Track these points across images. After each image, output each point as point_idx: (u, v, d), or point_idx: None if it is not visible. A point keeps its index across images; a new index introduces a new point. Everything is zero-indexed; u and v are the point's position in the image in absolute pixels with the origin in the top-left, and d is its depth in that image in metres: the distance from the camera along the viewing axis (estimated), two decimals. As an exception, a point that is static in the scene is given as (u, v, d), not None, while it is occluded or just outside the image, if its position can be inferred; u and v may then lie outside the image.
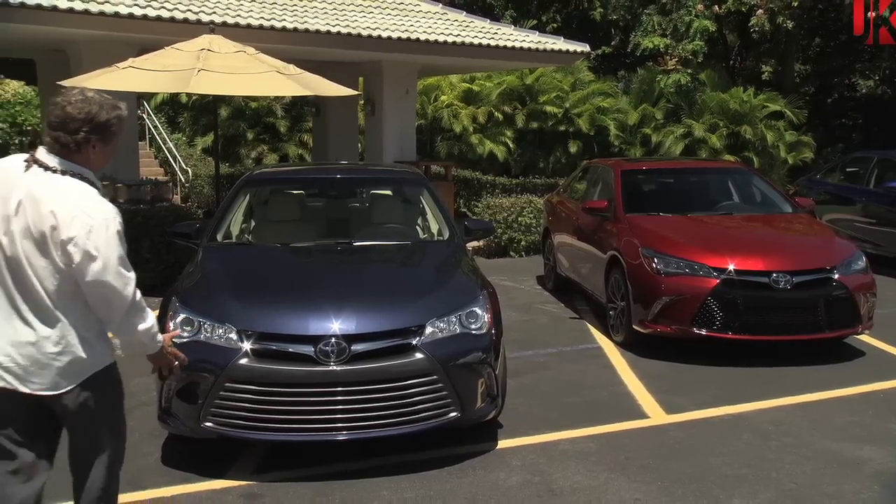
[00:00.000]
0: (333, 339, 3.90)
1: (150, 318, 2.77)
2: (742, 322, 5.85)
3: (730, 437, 4.53)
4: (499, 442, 4.44)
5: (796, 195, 9.89)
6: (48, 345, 2.58)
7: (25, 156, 2.65)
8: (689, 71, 18.18)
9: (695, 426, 4.73)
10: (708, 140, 16.00)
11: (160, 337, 2.85)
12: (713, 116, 16.49)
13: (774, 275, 5.86)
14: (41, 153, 2.63)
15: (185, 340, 3.99)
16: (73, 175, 2.61)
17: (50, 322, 2.58)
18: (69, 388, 2.62)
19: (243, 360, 3.89)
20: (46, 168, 2.59)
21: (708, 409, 5.00)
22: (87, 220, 2.54)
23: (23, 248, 2.55)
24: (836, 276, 5.99)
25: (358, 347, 3.92)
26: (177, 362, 2.96)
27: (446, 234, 5.48)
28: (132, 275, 2.66)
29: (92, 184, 2.66)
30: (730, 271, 5.90)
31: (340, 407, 3.91)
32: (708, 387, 5.44)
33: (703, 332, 5.90)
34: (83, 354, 2.63)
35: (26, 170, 2.60)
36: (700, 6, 18.09)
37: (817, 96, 20.88)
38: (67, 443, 2.80)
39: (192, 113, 18.38)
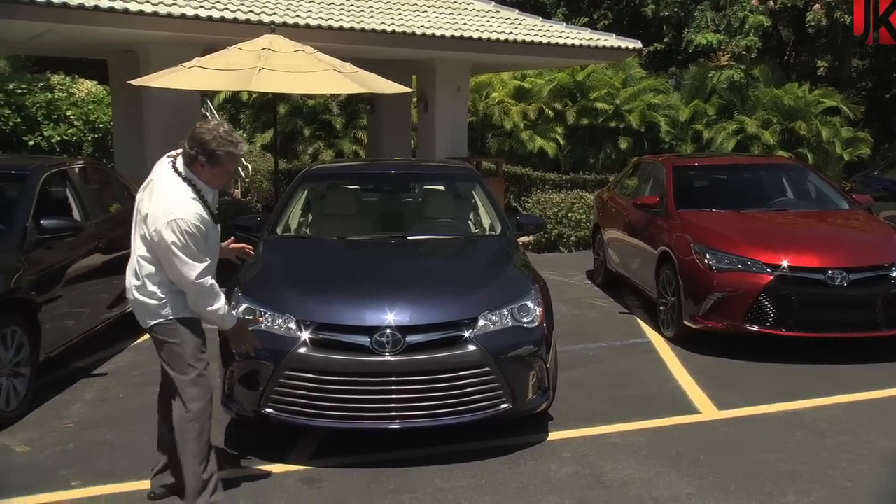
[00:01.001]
0: (388, 331, 3.93)
1: (219, 302, 3.38)
2: (796, 319, 5.69)
3: (783, 434, 4.42)
4: (549, 434, 4.42)
5: (853, 192, 9.54)
6: (135, 292, 3.41)
7: (174, 152, 3.43)
8: (742, 67, 17.71)
9: (747, 422, 4.63)
10: (761, 136, 15.57)
11: (232, 319, 3.49)
12: (766, 112, 16.03)
13: (830, 272, 5.69)
14: (178, 160, 3.41)
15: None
16: (184, 179, 3.33)
17: (137, 275, 3.39)
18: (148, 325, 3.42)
19: (302, 350, 3.95)
20: (174, 166, 3.37)
21: (760, 405, 4.89)
22: (169, 214, 3.22)
23: (136, 218, 3.40)
24: (895, 273, 5.77)
25: (412, 339, 3.94)
26: (248, 346, 3.58)
27: (498, 229, 5.46)
28: (198, 264, 3.28)
29: (196, 188, 3.32)
30: (783, 268, 5.74)
31: (394, 396, 3.93)
32: (760, 383, 5.31)
33: (756, 329, 5.76)
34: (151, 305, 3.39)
35: (168, 163, 3.40)
36: (755, 1, 17.59)
37: (875, 91, 20.14)
38: None
39: (252, 111, 18.69)
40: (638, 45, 12.94)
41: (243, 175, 16.10)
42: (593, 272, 9.09)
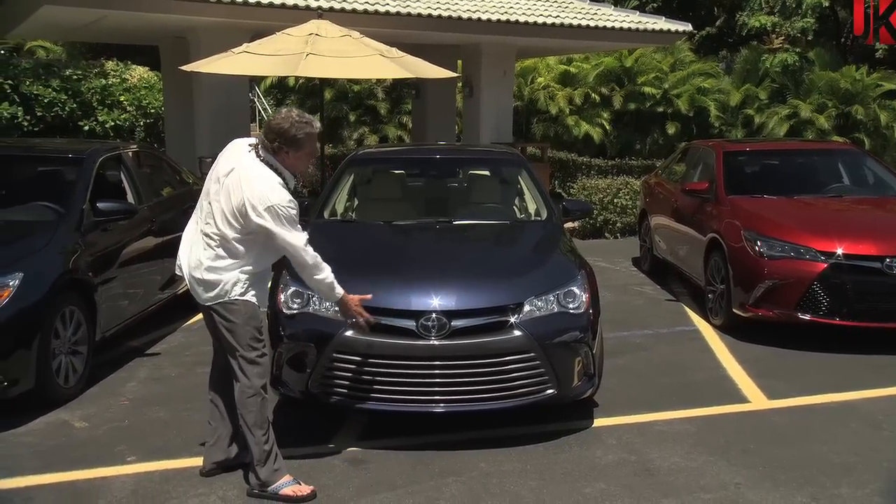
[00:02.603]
0: (434, 315, 3.94)
1: (325, 272, 3.55)
2: (851, 308, 5.54)
3: (836, 425, 4.32)
4: (595, 420, 4.39)
5: (912, 178, 9.20)
6: (203, 271, 3.51)
7: (253, 142, 3.54)
8: (797, 50, 17.17)
9: (798, 413, 4.53)
10: (815, 121, 15.11)
11: (338, 291, 3.61)
12: (821, 96, 15.55)
13: (888, 259, 5.52)
14: (260, 149, 3.51)
15: (294, 312, 4.13)
16: (270, 167, 3.45)
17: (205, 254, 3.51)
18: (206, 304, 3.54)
19: (348, 333, 3.97)
20: (258, 155, 3.48)
21: (812, 395, 4.78)
22: (266, 200, 3.36)
23: (208, 198, 3.54)
24: (957, 263, 5.56)
25: (458, 323, 3.94)
26: (361, 319, 3.67)
27: (544, 214, 5.42)
28: (302, 234, 3.48)
29: (280, 174, 3.46)
30: (838, 255, 5.58)
31: (439, 380, 3.95)
32: (812, 373, 5.19)
33: (808, 318, 5.62)
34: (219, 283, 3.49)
35: (249, 152, 3.51)
36: (812, -19, 17.04)
37: (937, 73, 19.30)
38: None
39: (298, 96, 18.82)
40: (688, 27, 12.67)
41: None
42: (639, 259, 8.97)
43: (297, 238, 3.45)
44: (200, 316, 6.86)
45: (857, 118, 15.11)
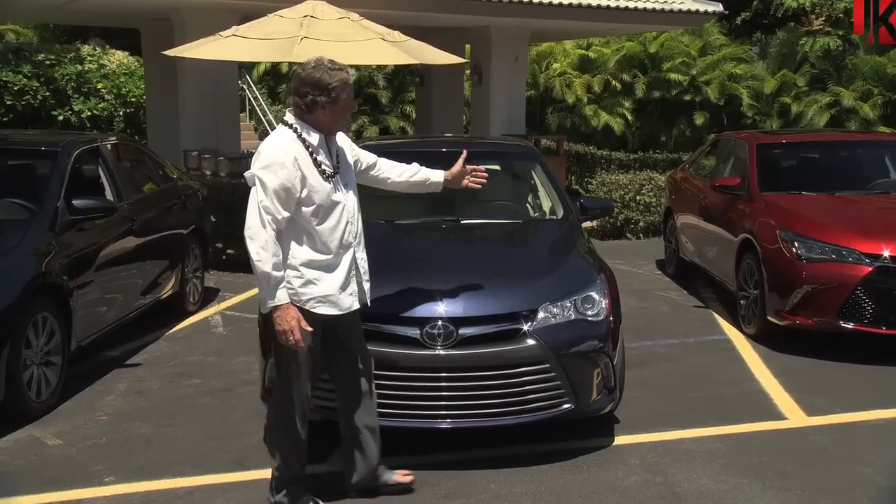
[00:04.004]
0: (440, 322, 3.94)
1: (264, 260, 3.27)
2: (899, 316, 5.52)
3: (882, 445, 4.30)
4: (616, 438, 4.38)
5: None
6: None
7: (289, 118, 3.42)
8: (839, 32, 17.11)
9: (840, 430, 4.51)
10: (859, 110, 15.07)
11: (280, 296, 3.29)
12: (866, 83, 15.49)
13: (939, 263, 5.48)
14: (287, 113, 3.42)
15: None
16: (287, 125, 3.36)
17: None
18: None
19: (347, 341, 3.97)
20: (284, 123, 3.40)
21: (856, 412, 4.76)
22: (259, 157, 3.29)
23: None
24: None
25: (466, 331, 3.95)
26: (291, 340, 3.33)
27: (560, 213, 5.42)
28: (260, 197, 3.26)
29: (305, 138, 3.33)
30: (885, 258, 5.57)
31: (446, 393, 3.94)
32: (856, 387, 5.17)
33: (851, 326, 5.61)
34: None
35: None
36: (854, -44, 16.98)
37: None
38: None
39: (292, 84, 18.91)
40: (718, 7, 12.64)
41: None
42: (664, 261, 8.96)
43: (260, 202, 3.23)
44: (186, 323, 6.91)
45: (906, 106, 15.05)
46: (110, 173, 6.07)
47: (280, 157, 3.27)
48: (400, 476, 3.80)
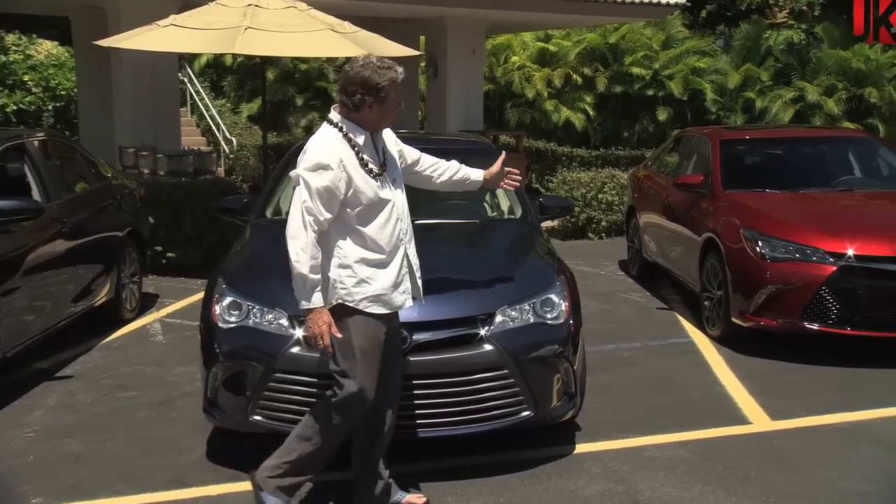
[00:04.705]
0: (394, 327, 3.93)
1: (302, 262, 3.32)
2: (863, 316, 5.67)
3: (848, 449, 4.41)
4: (577, 446, 4.43)
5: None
6: None
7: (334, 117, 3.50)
8: (802, 26, 17.53)
9: (805, 434, 4.62)
10: (824, 105, 15.47)
11: (316, 298, 3.35)
12: (831, 77, 15.91)
13: (904, 261, 5.65)
14: (332, 111, 3.51)
15: (231, 326, 4.10)
16: (332, 124, 3.45)
17: None
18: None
19: (295, 349, 3.96)
20: (329, 122, 3.49)
21: (821, 415, 4.87)
22: (305, 157, 3.40)
23: None
24: (979, 264, 5.73)
25: (419, 337, 3.95)
26: (321, 345, 3.40)
27: (518, 212, 5.45)
28: (304, 197, 3.35)
29: (344, 133, 3.41)
30: (849, 257, 5.72)
31: (399, 402, 3.94)
32: (821, 390, 5.30)
33: (816, 327, 5.74)
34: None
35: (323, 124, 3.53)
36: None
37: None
38: None
39: (236, 77, 18.73)
40: (681, -1, 12.87)
41: (227, 150, 16.16)
42: (627, 262, 9.08)
43: (303, 203, 3.32)
44: (122, 332, 6.80)
45: (870, 101, 15.48)
46: (38, 172, 5.94)
47: (326, 158, 3.35)
48: (413, 498, 3.78)
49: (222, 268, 4.61)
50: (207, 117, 16.93)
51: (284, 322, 4.05)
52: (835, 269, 5.69)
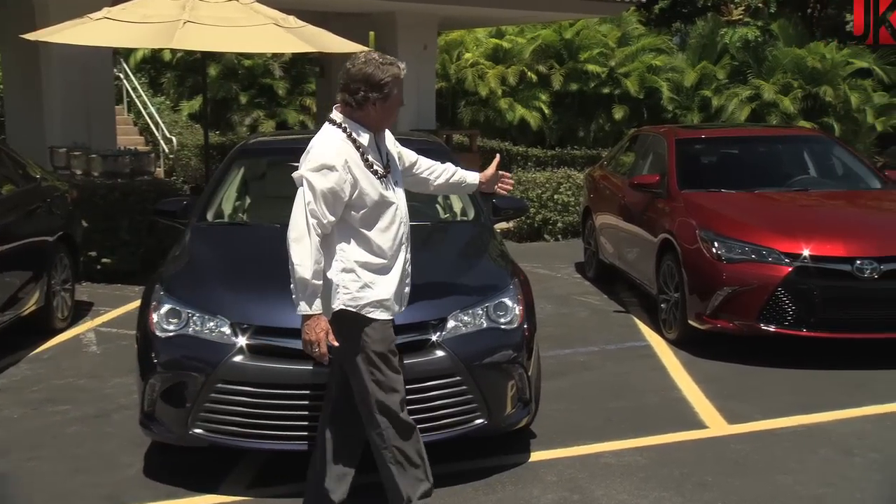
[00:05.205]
0: (340, 334, 3.92)
1: (305, 266, 3.30)
2: (819, 317, 5.80)
3: (804, 452, 4.51)
4: (532, 454, 4.46)
5: (886, 168, 9.73)
6: None
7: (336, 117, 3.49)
8: (758, 23, 17.94)
9: (762, 438, 4.72)
10: (780, 103, 15.84)
11: (316, 305, 3.33)
12: (786, 76, 16.30)
13: (858, 261, 5.80)
14: (333, 111, 3.48)
15: (170, 335, 4.05)
16: (335, 124, 3.44)
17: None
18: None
19: (237, 358, 3.92)
20: (332, 122, 3.46)
21: (777, 418, 4.98)
22: (309, 158, 3.39)
23: None
24: (933, 264, 5.91)
25: (368, 343, 3.94)
26: (317, 353, 3.38)
27: (471, 214, 5.48)
28: (308, 197, 3.33)
29: (348, 133, 3.41)
30: (805, 257, 5.85)
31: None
32: (777, 392, 5.41)
33: (772, 329, 5.86)
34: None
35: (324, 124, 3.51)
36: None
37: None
38: None
39: (176, 73, 18.48)
40: (636, -5, 13.07)
41: (166, 150, 15.94)
42: (584, 264, 9.17)
43: (307, 205, 3.31)
44: (53, 342, 6.67)
45: (825, 100, 15.89)
46: (-39, 173, 5.80)
47: (331, 159, 3.34)
48: None
49: (160, 274, 4.55)
50: (145, 115, 16.67)
51: (227, 330, 4.01)
52: (790, 269, 5.82)
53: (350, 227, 3.43)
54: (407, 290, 3.66)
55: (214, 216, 5.40)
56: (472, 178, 4.08)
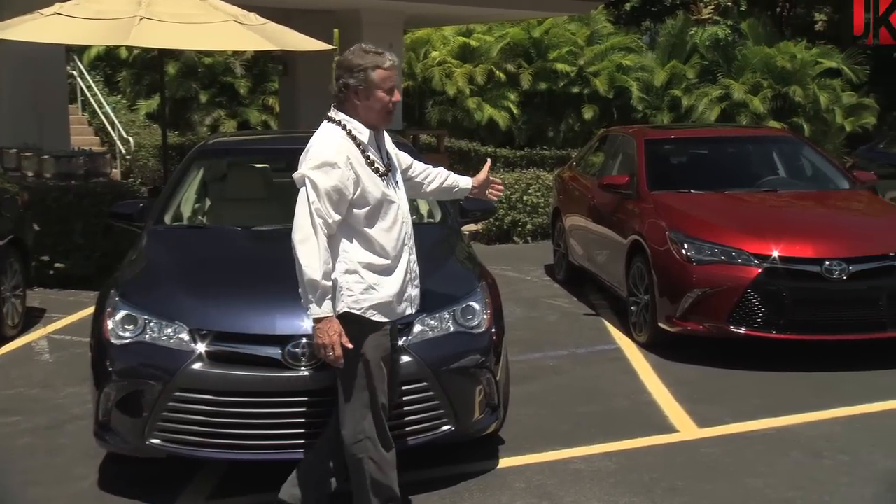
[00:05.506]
0: (305, 340, 3.90)
1: (313, 268, 3.29)
2: (788, 319, 5.89)
3: (774, 455, 4.57)
4: (500, 460, 4.47)
5: (855, 168, 9.91)
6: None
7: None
8: (728, 22, 18.18)
9: (732, 442, 4.77)
10: (749, 103, 16.05)
11: (326, 307, 3.32)
12: (756, 75, 16.52)
13: (827, 262, 5.90)
14: (332, 108, 3.52)
15: (126, 342, 4.01)
16: (334, 122, 3.46)
17: None
18: None
19: (196, 365, 3.89)
20: (330, 120, 3.49)
21: (747, 421, 5.04)
22: (309, 156, 3.39)
23: None
24: (902, 264, 6.02)
25: (333, 349, 3.93)
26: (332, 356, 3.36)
27: (438, 216, 5.48)
28: (313, 198, 3.32)
29: (347, 130, 3.42)
30: (774, 259, 5.93)
31: (313, 420, 3.91)
32: (747, 395, 5.48)
33: (742, 331, 5.94)
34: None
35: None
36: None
37: (880, 50, 20.80)
38: None
39: (133, 71, 18.29)
40: (605, -7, 13.18)
41: (123, 151, 15.76)
42: (553, 266, 9.22)
43: (311, 204, 3.31)
44: (2, 351, 6.56)
45: (794, 100, 16.13)
46: None
47: (332, 156, 3.34)
48: None
49: (115, 279, 4.51)
50: (101, 115, 16.46)
51: (185, 336, 3.97)
52: (760, 271, 5.89)
53: (352, 228, 3.43)
54: (416, 291, 3.67)
55: (172, 219, 5.36)
56: (465, 182, 4.10)
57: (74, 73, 16.35)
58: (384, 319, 3.48)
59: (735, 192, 7.14)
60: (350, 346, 3.36)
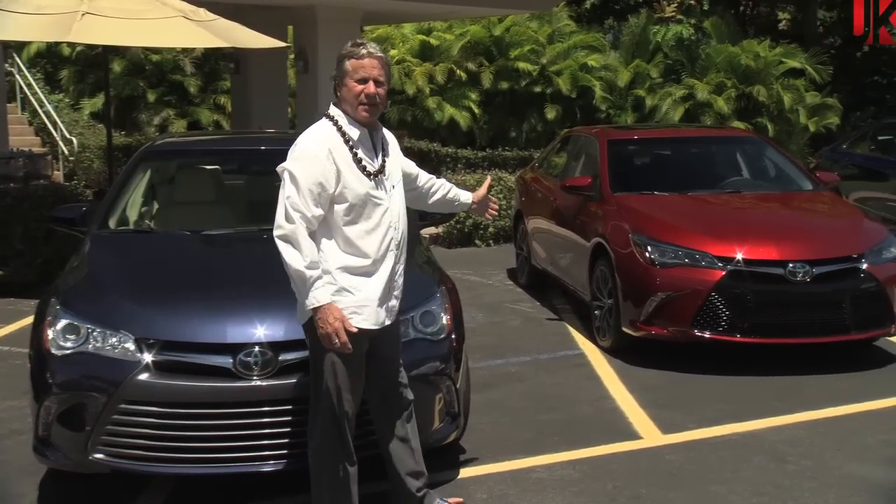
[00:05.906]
0: (257, 348, 3.88)
1: (301, 257, 3.32)
2: (752, 322, 5.98)
3: (738, 461, 4.64)
4: (460, 470, 4.48)
5: (818, 169, 10.10)
6: None
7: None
8: (691, 20, 18.43)
9: (696, 448, 4.83)
10: (713, 103, 16.27)
11: (318, 294, 3.31)
12: (720, 75, 16.76)
13: (791, 265, 6.00)
14: (331, 106, 3.57)
15: (68, 352, 3.95)
16: (328, 117, 3.53)
17: None
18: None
19: (143, 376, 3.85)
20: (326, 116, 3.55)
21: (711, 427, 5.11)
22: (292, 149, 3.46)
23: None
24: (865, 266, 6.15)
25: (287, 357, 3.91)
26: (338, 344, 3.34)
27: (395, 218, 5.48)
28: (292, 192, 3.36)
29: (337, 125, 3.47)
30: (738, 261, 6.02)
31: (266, 431, 3.89)
32: (711, 400, 5.55)
33: (706, 335, 6.01)
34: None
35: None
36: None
37: (844, 50, 21.26)
38: None
39: (76, 68, 18.00)
40: (566, -9, 13.29)
41: (66, 152, 15.52)
42: (516, 270, 9.26)
43: (287, 198, 3.34)
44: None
45: (758, 100, 16.38)
46: None
47: (313, 149, 3.40)
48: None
49: (56, 286, 4.43)
50: (42, 114, 16.19)
51: (131, 346, 3.93)
52: (723, 274, 5.98)
53: (332, 225, 3.43)
54: (395, 302, 3.66)
55: (118, 223, 5.30)
56: (465, 197, 4.19)
57: (13, 70, 16.07)
58: (364, 325, 3.46)
59: (699, 194, 7.23)
60: (354, 329, 3.36)
